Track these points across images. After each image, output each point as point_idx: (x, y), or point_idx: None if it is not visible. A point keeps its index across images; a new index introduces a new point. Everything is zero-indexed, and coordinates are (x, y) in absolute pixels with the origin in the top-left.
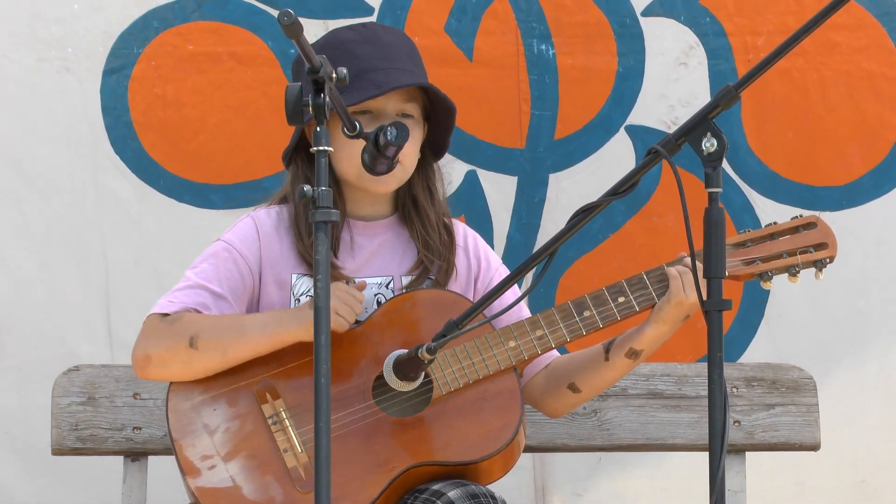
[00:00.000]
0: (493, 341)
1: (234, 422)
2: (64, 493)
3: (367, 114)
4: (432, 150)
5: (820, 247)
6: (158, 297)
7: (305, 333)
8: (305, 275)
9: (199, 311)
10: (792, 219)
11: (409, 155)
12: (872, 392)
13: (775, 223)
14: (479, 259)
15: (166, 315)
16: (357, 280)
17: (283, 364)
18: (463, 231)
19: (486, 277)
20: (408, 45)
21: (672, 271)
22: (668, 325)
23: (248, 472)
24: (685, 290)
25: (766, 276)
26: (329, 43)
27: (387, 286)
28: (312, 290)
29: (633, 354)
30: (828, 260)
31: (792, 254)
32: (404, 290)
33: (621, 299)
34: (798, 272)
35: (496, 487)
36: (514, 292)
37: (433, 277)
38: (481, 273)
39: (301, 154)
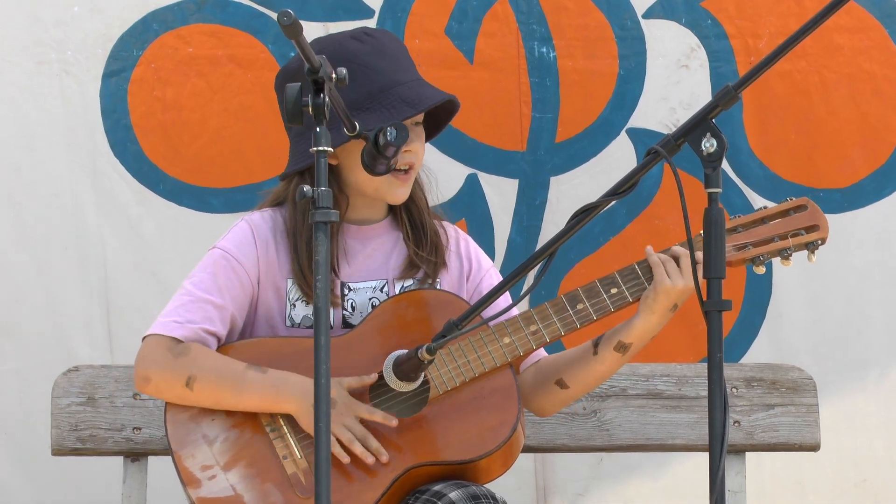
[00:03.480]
0: (487, 338)
1: (233, 431)
2: (64, 494)
3: None
4: None
5: (811, 229)
6: (158, 301)
7: (303, 414)
8: (298, 281)
9: (206, 330)
10: (782, 202)
11: (420, 157)
12: (873, 392)
13: (765, 207)
14: (470, 260)
15: (174, 340)
16: (352, 285)
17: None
18: (454, 233)
19: (477, 278)
20: (405, 48)
21: (654, 258)
22: (657, 315)
23: (248, 481)
24: (670, 276)
25: (757, 260)
26: (337, 54)
27: (381, 290)
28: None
29: (622, 348)
30: (819, 242)
31: (783, 237)
32: (398, 293)
33: (614, 291)
34: (790, 255)
35: (497, 487)
36: (506, 297)
37: (421, 276)
38: (472, 274)
39: None
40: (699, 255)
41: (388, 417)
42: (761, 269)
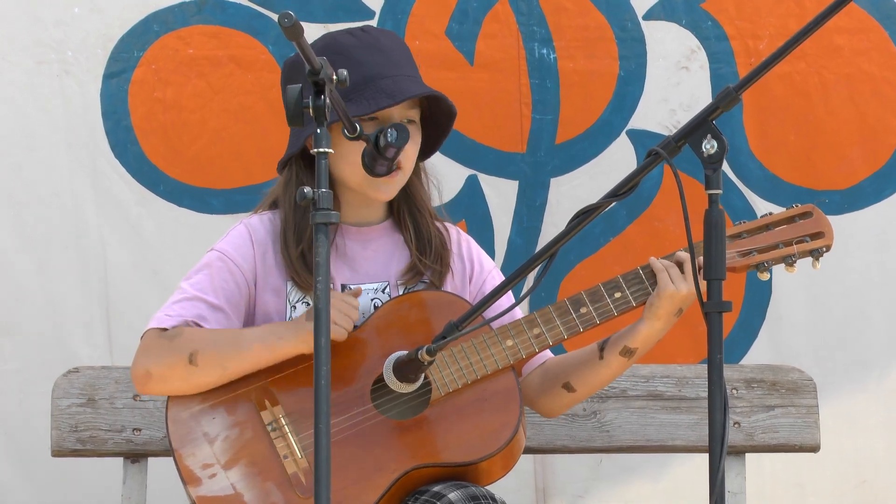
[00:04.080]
0: (490, 341)
1: (234, 429)
2: (64, 495)
3: (373, 120)
4: (422, 151)
5: (816, 236)
6: (158, 301)
7: (305, 346)
8: (295, 283)
9: (197, 324)
10: (787, 209)
11: (410, 159)
12: (874, 393)
13: (771, 213)
14: (473, 261)
15: (165, 330)
16: (352, 287)
17: (281, 370)
18: (456, 234)
19: (479, 280)
20: (405, 48)
21: (657, 264)
22: (662, 321)
23: (249, 480)
24: (674, 282)
25: (762, 266)
26: (328, 48)
27: (383, 291)
28: (307, 298)
29: (628, 353)
30: (824, 249)
31: (788, 244)
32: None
33: (617, 295)
34: (795, 262)
35: (497, 488)
36: (508, 297)
37: (427, 281)
38: (474, 275)
39: (297, 158)
40: (699, 259)
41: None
42: (765, 276)
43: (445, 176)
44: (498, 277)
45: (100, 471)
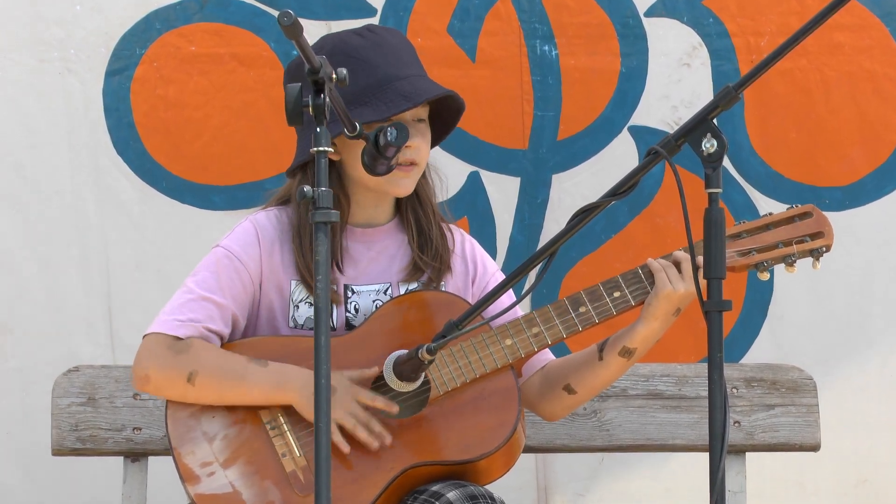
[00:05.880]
0: (489, 340)
1: (233, 428)
2: (64, 494)
3: (387, 120)
4: None
5: (816, 236)
6: (160, 298)
7: (305, 404)
8: (303, 282)
9: (209, 329)
10: (787, 209)
11: (424, 155)
12: (875, 392)
13: (771, 214)
14: (476, 263)
15: (175, 338)
16: (355, 288)
17: None
18: (460, 236)
19: (482, 282)
20: (410, 46)
21: (655, 264)
22: (659, 321)
23: (247, 478)
24: (672, 282)
25: (761, 266)
26: (338, 49)
27: (385, 292)
28: (310, 297)
29: (627, 353)
30: (824, 249)
31: (788, 244)
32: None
33: (617, 294)
34: (794, 262)
35: (498, 487)
36: (509, 296)
37: (427, 280)
38: (477, 277)
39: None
40: (699, 259)
41: (389, 404)
42: (765, 276)
43: (447, 173)
44: (501, 280)
45: (100, 470)
